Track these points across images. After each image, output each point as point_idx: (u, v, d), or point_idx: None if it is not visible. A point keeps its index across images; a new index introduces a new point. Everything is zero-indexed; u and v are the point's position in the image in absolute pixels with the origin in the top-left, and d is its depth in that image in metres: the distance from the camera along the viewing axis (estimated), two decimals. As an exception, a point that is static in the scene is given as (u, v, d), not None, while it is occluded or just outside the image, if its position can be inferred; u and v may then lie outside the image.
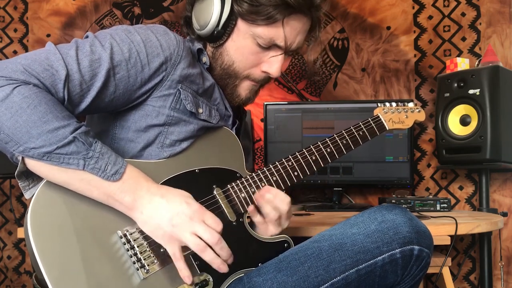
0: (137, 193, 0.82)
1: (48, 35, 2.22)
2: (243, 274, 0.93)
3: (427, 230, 0.92)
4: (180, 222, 0.81)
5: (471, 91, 1.74)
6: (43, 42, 2.22)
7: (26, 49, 2.22)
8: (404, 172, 1.90)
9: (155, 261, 0.84)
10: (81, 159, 0.78)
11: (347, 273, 0.88)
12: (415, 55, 2.11)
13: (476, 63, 1.88)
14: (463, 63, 1.87)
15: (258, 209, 0.97)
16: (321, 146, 1.03)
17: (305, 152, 1.02)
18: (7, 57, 2.22)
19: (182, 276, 0.82)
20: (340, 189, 2.00)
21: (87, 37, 0.89)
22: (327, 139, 1.04)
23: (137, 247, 0.83)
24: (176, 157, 0.94)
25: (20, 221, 2.13)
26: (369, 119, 1.10)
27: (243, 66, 0.99)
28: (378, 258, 0.88)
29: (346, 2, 2.16)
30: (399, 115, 1.13)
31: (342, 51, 2.16)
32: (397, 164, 1.91)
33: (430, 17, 2.11)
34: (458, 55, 2.06)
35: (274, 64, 0.99)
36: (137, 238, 0.84)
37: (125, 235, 0.83)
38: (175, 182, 0.91)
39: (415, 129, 2.07)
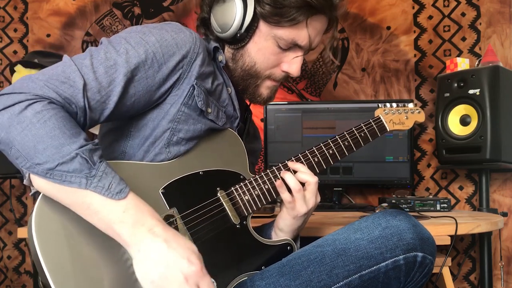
0: (138, 229, 0.76)
1: (48, 35, 2.22)
2: (246, 278, 0.93)
3: (431, 236, 0.91)
4: (173, 279, 0.74)
5: (471, 91, 1.74)
6: (43, 42, 2.22)
7: (26, 49, 2.22)
8: (404, 172, 1.90)
9: None
10: (83, 178, 0.75)
11: (350, 278, 0.87)
12: (415, 55, 2.11)
13: (476, 63, 1.88)
14: (463, 63, 1.87)
15: (286, 185, 0.97)
16: (323, 148, 1.03)
17: (308, 154, 1.02)
18: (7, 57, 2.22)
19: None
20: (340, 189, 2.00)
21: (101, 43, 0.89)
22: (329, 141, 1.04)
23: None
24: (180, 159, 0.93)
25: (20, 221, 2.13)
26: (370, 120, 1.10)
27: (265, 66, 1.00)
28: (382, 264, 0.87)
29: (346, 2, 2.15)
30: (399, 116, 1.13)
31: (342, 51, 2.16)
32: (397, 164, 1.91)
33: (430, 17, 2.11)
34: (458, 55, 2.06)
35: (294, 64, 1.00)
36: None
37: None
38: (179, 184, 0.91)
39: (415, 129, 2.07)
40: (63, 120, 0.77)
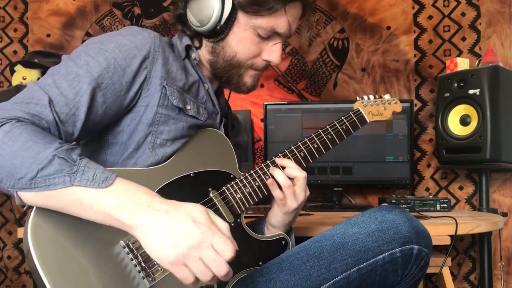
0: (136, 208, 0.74)
1: (48, 35, 2.22)
2: (246, 274, 0.94)
3: (426, 230, 0.93)
4: (187, 245, 0.70)
5: (471, 91, 1.74)
6: (43, 42, 2.22)
7: (26, 49, 2.22)
8: (404, 172, 1.90)
9: (160, 268, 0.83)
10: (66, 176, 0.74)
11: (348, 272, 0.89)
12: (415, 55, 2.11)
13: (476, 63, 1.88)
14: (463, 63, 1.87)
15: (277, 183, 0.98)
16: (308, 142, 1.05)
17: (294, 149, 1.04)
18: (7, 57, 2.22)
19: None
20: (340, 189, 2.00)
21: (62, 60, 0.89)
22: (313, 135, 1.06)
23: (141, 256, 0.82)
24: (169, 163, 0.94)
25: (20, 221, 2.13)
26: (350, 113, 1.12)
27: (246, 56, 1.01)
28: (379, 257, 0.89)
29: (346, 2, 2.16)
30: (377, 108, 1.16)
31: (342, 51, 2.16)
32: (397, 164, 1.91)
33: (430, 17, 2.11)
34: (458, 55, 2.06)
35: (274, 52, 1.01)
36: (140, 246, 0.82)
37: (128, 245, 0.82)
38: (171, 188, 0.91)
39: (415, 129, 2.08)
40: (34, 132, 0.77)
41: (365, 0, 2.14)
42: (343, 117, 1.10)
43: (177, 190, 0.89)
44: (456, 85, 1.80)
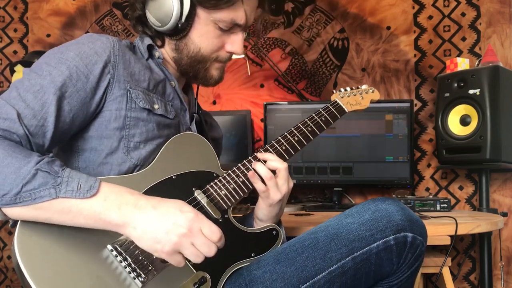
0: (124, 208, 0.78)
1: (48, 35, 2.22)
2: (242, 268, 0.95)
3: (420, 219, 0.95)
4: (178, 233, 0.77)
5: (471, 91, 1.74)
6: (43, 42, 2.22)
7: (26, 49, 2.22)
8: (404, 172, 1.90)
9: (151, 267, 0.84)
10: (51, 188, 0.76)
11: (343, 261, 0.90)
12: (415, 55, 2.11)
13: (476, 63, 1.88)
14: (463, 63, 1.87)
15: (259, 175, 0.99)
16: (288, 136, 1.07)
17: (275, 143, 1.05)
18: (7, 57, 2.23)
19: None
20: (340, 189, 2.00)
21: (23, 73, 0.90)
22: (292, 129, 1.08)
23: (130, 257, 0.82)
24: (150, 168, 0.95)
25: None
26: (328, 105, 1.16)
27: (210, 50, 1.03)
28: (373, 245, 0.90)
29: (346, 2, 2.16)
30: (355, 98, 1.20)
31: (342, 51, 2.16)
32: (397, 164, 1.91)
33: (430, 17, 2.11)
34: (458, 55, 2.06)
35: (236, 43, 1.04)
36: (128, 248, 0.83)
37: (115, 248, 0.82)
38: (154, 191, 0.91)
39: (415, 129, 2.08)
40: (10, 147, 0.77)
41: (365, 0, 2.14)
42: (321, 110, 1.13)
43: (160, 193, 0.88)
44: (456, 85, 1.80)
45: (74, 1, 2.23)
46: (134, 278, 0.82)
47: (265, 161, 1.01)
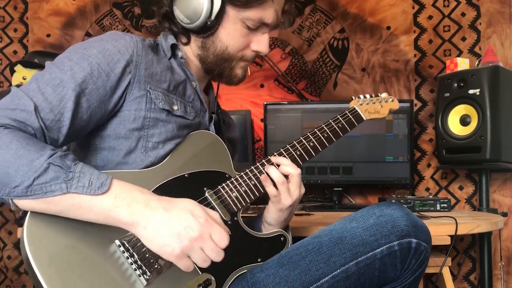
0: (134, 206, 0.78)
1: (48, 35, 2.22)
2: (246, 271, 0.95)
3: (425, 225, 0.94)
4: (189, 237, 0.77)
5: (471, 91, 1.74)
6: (43, 42, 2.22)
7: (26, 49, 2.22)
8: (404, 172, 1.90)
9: (157, 265, 0.84)
10: (62, 183, 0.76)
11: (347, 265, 0.90)
12: (415, 55, 2.11)
13: (476, 63, 1.88)
14: (463, 63, 1.87)
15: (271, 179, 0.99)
16: (304, 141, 1.06)
17: (290, 148, 1.04)
18: (7, 57, 2.23)
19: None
20: (340, 189, 2.00)
21: (45, 66, 0.90)
22: (308, 134, 1.07)
23: (137, 254, 0.82)
24: (163, 165, 0.94)
25: (20, 221, 2.13)
26: (346, 111, 1.13)
27: (236, 49, 1.02)
28: (377, 250, 0.89)
29: (346, 2, 2.16)
30: (374, 106, 1.17)
31: (342, 51, 2.16)
32: (397, 164, 1.91)
33: (430, 17, 2.11)
34: (458, 55, 2.06)
35: (263, 42, 1.03)
36: (136, 245, 0.83)
37: (123, 244, 0.82)
38: (165, 188, 0.91)
39: (415, 129, 2.08)
40: (24, 139, 0.77)
41: (365, 0, 2.14)
42: (338, 116, 1.11)
43: (171, 190, 0.89)
44: (456, 85, 1.80)
45: (74, 1, 2.23)
46: (140, 276, 0.82)
47: (278, 165, 1.00)
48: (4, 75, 2.22)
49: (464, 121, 1.80)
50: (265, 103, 1.99)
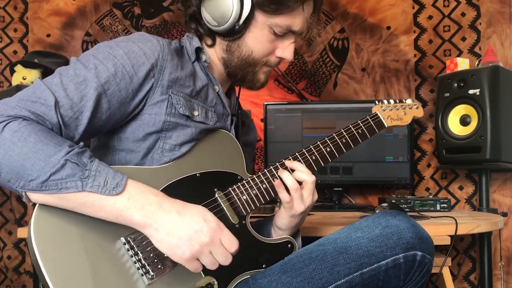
0: (147, 209, 0.79)
1: (48, 35, 2.22)
2: (248, 276, 0.94)
3: (429, 237, 0.92)
4: (200, 242, 0.79)
5: (471, 91, 1.74)
6: (43, 42, 2.22)
7: (26, 49, 2.22)
8: (404, 172, 1.90)
9: (160, 266, 0.83)
10: (78, 181, 0.76)
11: (351, 276, 0.88)
12: (415, 55, 2.11)
13: (476, 63, 1.88)
14: (463, 63, 1.87)
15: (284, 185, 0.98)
16: (321, 146, 1.03)
17: (305, 152, 1.02)
18: (7, 57, 2.22)
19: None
20: (340, 189, 2.00)
21: (70, 62, 0.89)
22: (326, 139, 1.04)
23: (141, 252, 0.82)
24: (176, 162, 0.94)
25: (20, 221, 2.13)
26: (368, 117, 1.10)
27: (261, 54, 1.02)
28: (382, 262, 0.88)
29: (346, 2, 2.16)
30: (397, 112, 1.13)
31: (342, 51, 2.16)
32: (397, 164, 1.91)
33: (430, 17, 2.11)
34: (458, 55, 2.06)
35: (287, 49, 1.03)
36: (141, 243, 0.83)
37: (128, 241, 0.82)
38: (176, 187, 0.91)
39: (415, 129, 2.08)
40: (42, 132, 0.77)
41: (365, 0, 2.14)
42: (359, 121, 1.08)
43: (182, 189, 0.89)
44: (456, 85, 1.80)
45: (74, 1, 2.23)
46: (142, 275, 0.82)
47: (292, 170, 0.99)
48: (4, 75, 2.22)
49: (464, 121, 1.80)
50: (265, 103, 1.99)
